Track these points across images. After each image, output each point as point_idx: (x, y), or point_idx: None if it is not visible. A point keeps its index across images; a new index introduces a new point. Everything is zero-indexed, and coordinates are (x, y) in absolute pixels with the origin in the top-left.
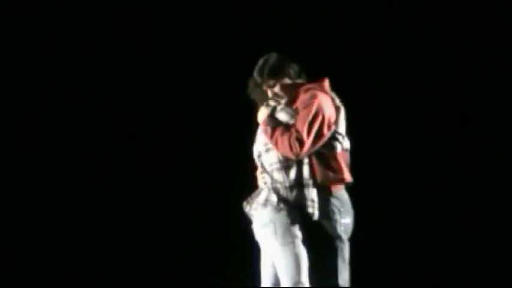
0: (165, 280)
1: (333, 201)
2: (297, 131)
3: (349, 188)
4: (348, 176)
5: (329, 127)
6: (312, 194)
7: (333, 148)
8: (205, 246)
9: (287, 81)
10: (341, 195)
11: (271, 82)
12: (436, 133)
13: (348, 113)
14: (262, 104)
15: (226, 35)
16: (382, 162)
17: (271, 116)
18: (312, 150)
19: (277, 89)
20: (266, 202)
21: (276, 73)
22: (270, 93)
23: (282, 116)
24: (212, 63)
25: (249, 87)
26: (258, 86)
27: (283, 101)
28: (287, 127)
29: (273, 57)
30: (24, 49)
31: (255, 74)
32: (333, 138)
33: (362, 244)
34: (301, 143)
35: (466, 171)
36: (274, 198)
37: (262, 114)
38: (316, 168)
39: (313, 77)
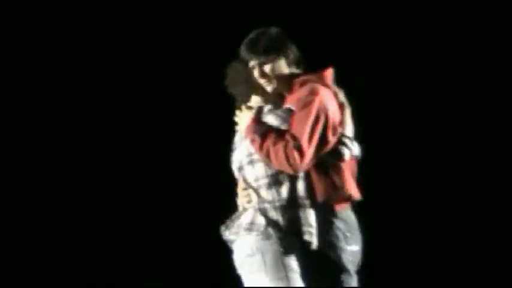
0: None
1: (337, 224)
2: (295, 138)
3: (356, 207)
4: (355, 193)
5: (334, 131)
6: (310, 216)
7: (340, 156)
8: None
9: (283, 64)
10: (347, 216)
11: (263, 59)
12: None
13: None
14: (244, 101)
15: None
16: (393, 173)
17: (258, 120)
18: (314, 162)
19: (268, 68)
20: (251, 226)
21: (272, 48)
22: (256, 73)
23: (271, 119)
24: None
25: (229, 76)
26: (242, 66)
27: (270, 87)
28: (280, 133)
29: (272, 30)
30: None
31: (243, 48)
32: (340, 143)
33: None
34: (301, 153)
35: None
36: (261, 221)
37: (244, 118)
38: (315, 184)
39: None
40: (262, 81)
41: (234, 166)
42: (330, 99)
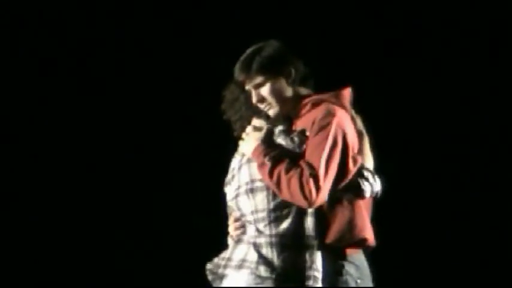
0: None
1: (348, 268)
2: (311, 166)
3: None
4: (371, 237)
5: (355, 161)
6: (317, 259)
7: (360, 192)
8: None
9: (283, 83)
10: (359, 260)
11: (260, 79)
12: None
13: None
14: (242, 126)
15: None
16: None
17: (268, 142)
18: (332, 194)
19: (265, 90)
20: (242, 263)
21: (269, 67)
22: (254, 97)
23: (284, 142)
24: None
25: (225, 101)
26: (240, 93)
27: (272, 111)
28: (294, 159)
29: (269, 46)
30: None
31: (236, 69)
32: (360, 175)
33: None
34: (317, 184)
35: None
36: (253, 257)
37: (251, 139)
38: (327, 222)
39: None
40: (261, 106)
41: (228, 194)
42: (348, 123)
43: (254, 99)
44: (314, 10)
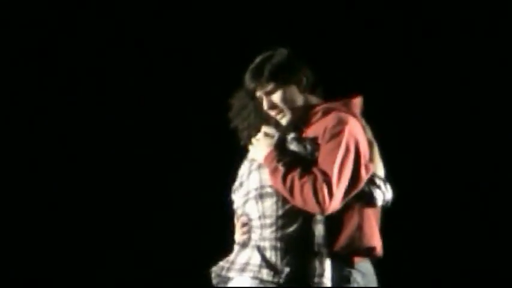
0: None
1: (355, 276)
2: (324, 173)
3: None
4: (379, 247)
5: (367, 168)
6: (325, 266)
7: (371, 199)
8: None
9: (294, 91)
10: (366, 268)
11: (271, 86)
12: None
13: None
14: (249, 135)
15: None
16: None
17: (281, 149)
18: (344, 202)
19: (277, 97)
20: (245, 266)
21: (281, 74)
22: (265, 104)
23: (296, 149)
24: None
25: (232, 109)
26: (249, 101)
27: (284, 119)
28: (307, 166)
29: (279, 53)
30: None
31: (247, 76)
32: (372, 183)
33: None
34: (330, 191)
35: None
36: (256, 260)
37: (262, 146)
38: (337, 230)
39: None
40: (272, 113)
41: (236, 201)
42: (359, 131)
43: (265, 106)
44: (321, 16)
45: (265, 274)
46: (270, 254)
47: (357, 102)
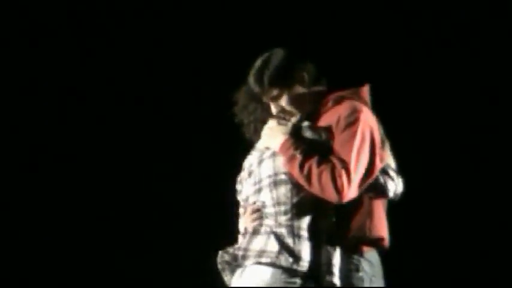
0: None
1: (364, 265)
2: (342, 161)
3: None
4: (387, 238)
5: (381, 157)
6: (335, 254)
7: (383, 190)
8: None
9: (299, 89)
10: (373, 258)
11: (275, 92)
12: None
13: None
14: (255, 128)
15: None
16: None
17: (296, 137)
18: (360, 191)
19: (284, 101)
20: (261, 253)
21: (282, 79)
22: (273, 109)
23: (312, 137)
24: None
25: (238, 104)
26: (255, 98)
27: (294, 118)
28: (323, 154)
29: (277, 55)
30: None
31: (251, 80)
32: (386, 174)
33: None
34: (349, 178)
35: None
36: (273, 247)
37: (276, 134)
38: (350, 219)
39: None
40: (283, 117)
41: (244, 191)
42: (373, 119)
43: (274, 111)
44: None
45: (284, 261)
46: (288, 241)
47: (366, 90)
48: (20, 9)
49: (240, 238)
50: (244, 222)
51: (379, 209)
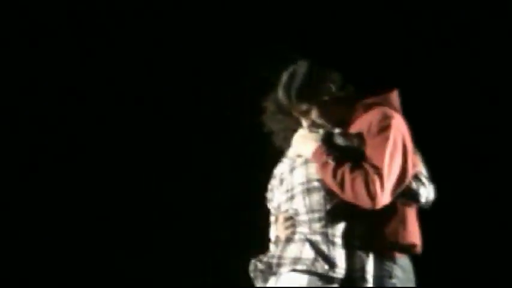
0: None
1: (396, 272)
2: (374, 167)
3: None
4: (420, 244)
5: (414, 163)
6: (368, 261)
7: (415, 196)
8: None
9: (327, 101)
10: (406, 264)
11: (305, 107)
12: None
13: None
14: (285, 137)
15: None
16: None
17: (329, 144)
18: (393, 197)
19: (314, 115)
20: (296, 261)
21: (309, 93)
22: (304, 123)
23: (344, 143)
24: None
25: (266, 112)
26: (285, 111)
27: (327, 128)
28: (356, 161)
29: (301, 68)
30: None
31: (280, 94)
32: (418, 180)
33: None
34: (382, 184)
35: None
36: (309, 254)
37: (308, 141)
38: (383, 225)
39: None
40: (314, 130)
41: (276, 199)
42: (404, 126)
43: (306, 125)
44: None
45: (320, 268)
46: (323, 248)
47: (395, 95)
48: (20, 9)
49: (272, 246)
50: (276, 230)
51: (412, 215)
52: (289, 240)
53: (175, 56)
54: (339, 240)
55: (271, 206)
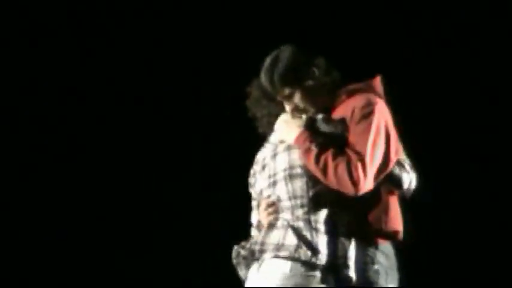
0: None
1: (379, 258)
2: (358, 153)
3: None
4: (402, 230)
5: (397, 150)
6: (350, 247)
7: (398, 182)
8: None
9: (311, 85)
10: (389, 251)
11: (288, 91)
12: None
13: None
14: (269, 122)
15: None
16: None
17: (312, 130)
18: (376, 183)
19: (297, 99)
20: (279, 247)
21: (292, 77)
22: (287, 107)
23: (327, 129)
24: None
25: (250, 97)
26: (269, 96)
27: (310, 113)
28: (339, 147)
29: (285, 53)
30: None
31: (262, 80)
32: (401, 166)
33: None
34: (364, 170)
35: None
36: (292, 241)
37: (291, 127)
38: (366, 211)
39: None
40: (297, 114)
41: (258, 184)
42: (388, 112)
43: (288, 109)
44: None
45: (303, 254)
46: (306, 234)
47: (379, 82)
48: (20, 9)
49: (253, 231)
50: (258, 215)
51: (395, 202)
52: (271, 226)
53: (175, 56)
54: (321, 227)
55: (253, 191)
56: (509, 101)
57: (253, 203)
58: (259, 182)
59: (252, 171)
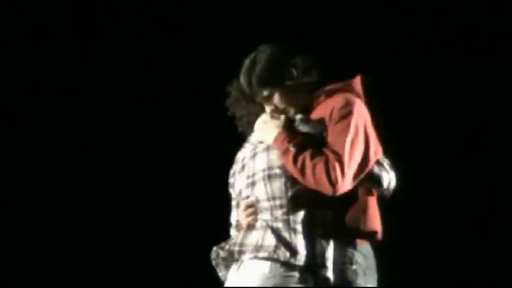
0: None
1: (357, 258)
2: (336, 153)
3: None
4: (380, 230)
5: (376, 150)
6: (328, 248)
7: (377, 181)
8: None
9: (290, 86)
10: (367, 251)
11: (266, 93)
12: None
13: None
14: (248, 121)
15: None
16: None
17: (290, 130)
18: (354, 183)
19: (276, 100)
20: (258, 248)
21: (270, 78)
22: (267, 108)
23: (305, 129)
24: None
25: (230, 97)
26: (248, 97)
27: (290, 113)
28: (317, 147)
29: (262, 54)
30: None
31: (242, 81)
32: (380, 165)
33: None
34: (343, 170)
35: None
36: (270, 241)
37: (270, 127)
38: (345, 211)
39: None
40: (276, 115)
41: (237, 184)
42: (366, 112)
43: (268, 110)
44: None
45: (282, 255)
46: (285, 235)
47: (358, 82)
48: (20, 9)
49: (232, 231)
50: (237, 215)
51: (373, 202)
52: (250, 227)
53: (175, 56)
54: (300, 227)
55: (233, 191)
56: (510, 101)
57: (233, 203)
58: (238, 182)
59: (231, 171)
